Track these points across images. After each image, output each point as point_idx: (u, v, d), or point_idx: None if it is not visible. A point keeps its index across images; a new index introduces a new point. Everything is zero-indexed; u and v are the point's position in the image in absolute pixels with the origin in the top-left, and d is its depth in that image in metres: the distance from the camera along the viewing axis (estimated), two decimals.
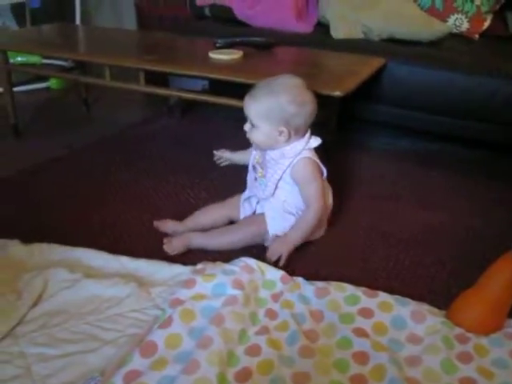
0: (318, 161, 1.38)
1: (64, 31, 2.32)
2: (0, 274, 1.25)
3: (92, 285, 1.22)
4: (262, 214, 1.41)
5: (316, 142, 1.37)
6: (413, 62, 1.95)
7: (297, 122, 1.32)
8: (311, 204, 1.36)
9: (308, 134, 1.36)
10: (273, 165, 1.37)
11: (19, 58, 2.92)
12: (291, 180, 1.36)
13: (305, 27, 2.33)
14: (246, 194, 1.49)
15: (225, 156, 1.55)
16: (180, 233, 1.44)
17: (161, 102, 2.43)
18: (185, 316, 1.07)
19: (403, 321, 1.11)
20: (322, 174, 1.39)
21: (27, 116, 2.36)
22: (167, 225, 1.48)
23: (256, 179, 1.43)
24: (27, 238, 1.40)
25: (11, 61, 2.23)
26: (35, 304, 1.18)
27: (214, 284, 1.16)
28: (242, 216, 1.48)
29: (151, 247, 1.41)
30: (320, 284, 1.22)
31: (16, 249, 1.35)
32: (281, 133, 1.32)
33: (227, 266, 1.24)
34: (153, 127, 2.30)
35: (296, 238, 1.37)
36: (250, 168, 1.46)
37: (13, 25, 3.21)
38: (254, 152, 1.45)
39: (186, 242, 1.39)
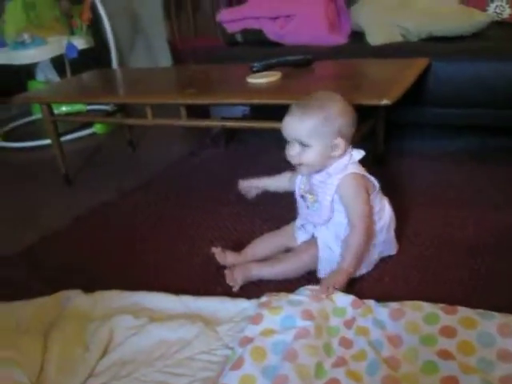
0: (366, 173, 1.31)
1: (103, 77, 2.36)
2: (66, 326, 1.25)
3: (158, 329, 1.20)
4: (316, 240, 1.36)
5: (359, 154, 1.31)
6: (457, 58, 1.88)
7: (348, 132, 1.28)
8: (355, 224, 1.28)
9: (349, 148, 1.31)
10: (322, 188, 1.31)
11: (64, 108, 3.01)
12: (340, 201, 1.29)
13: (339, 38, 2.29)
14: (299, 222, 1.44)
15: (253, 185, 1.50)
16: (237, 264, 1.40)
17: (204, 132, 2.43)
18: (256, 355, 1.03)
19: (491, 337, 1.02)
20: (372, 187, 1.32)
21: (76, 163, 2.40)
22: (225, 257, 1.44)
23: (308, 207, 1.37)
24: (89, 287, 1.39)
25: (56, 111, 2.27)
26: (103, 355, 1.16)
27: (283, 317, 1.11)
28: (298, 242, 1.43)
29: (210, 283, 1.38)
30: (394, 305, 1.14)
31: (79, 299, 1.34)
32: (335, 146, 1.27)
33: (293, 297, 1.18)
34: (199, 159, 2.29)
35: (349, 267, 1.28)
36: (299, 198, 1.40)
37: (54, 77, 3.32)
38: (297, 182, 1.40)
39: (246, 274, 1.35)
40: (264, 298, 1.20)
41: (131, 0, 3.65)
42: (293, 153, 1.30)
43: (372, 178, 1.32)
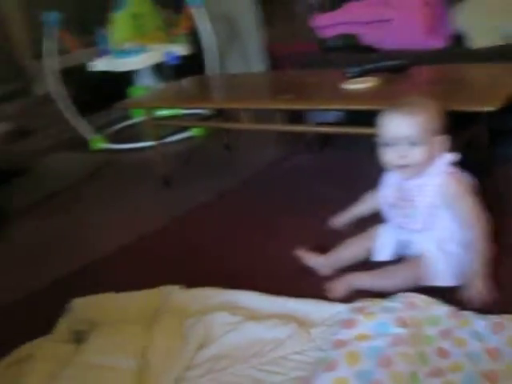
0: (464, 173, 1.30)
1: (200, 83, 2.46)
2: (167, 319, 1.32)
3: (253, 327, 1.24)
4: (420, 257, 1.32)
5: (454, 157, 1.30)
6: None
7: (442, 132, 1.29)
8: (473, 224, 1.25)
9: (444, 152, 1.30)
10: (419, 191, 1.30)
11: (163, 112, 3.16)
12: (443, 203, 1.28)
13: (437, 42, 2.24)
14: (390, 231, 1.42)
15: (344, 222, 1.52)
16: (320, 266, 1.44)
17: (298, 137, 2.45)
18: (350, 358, 1.04)
19: None
20: (473, 186, 1.29)
21: (175, 165, 2.52)
22: (310, 258, 1.47)
23: (402, 215, 1.35)
24: (187, 283, 1.46)
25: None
26: (200, 348, 1.21)
27: (377, 323, 1.11)
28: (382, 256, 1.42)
29: (304, 285, 1.41)
30: (493, 317, 1.11)
31: (179, 295, 1.42)
32: (442, 143, 1.28)
33: (387, 303, 1.18)
34: (293, 164, 2.32)
35: (483, 270, 1.24)
36: (387, 209, 1.40)
37: (154, 83, 3.49)
38: (385, 193, 1.39)
39: (347, 286, 1.35)
40: (358, 304, 1.21)
41: (228, 7, 3.75)
42: (402, 153, 1.29)
43: (470, 177, 1.31)
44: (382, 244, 1.43)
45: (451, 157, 1.30)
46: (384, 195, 1.40)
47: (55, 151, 3.13)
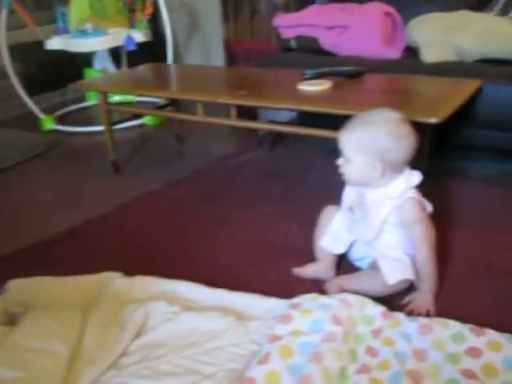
0: (422, 198, 1.31)
1: (157, 70, 2.44)
2: (105, 306, 1.31)
3: (191, 317, 1.25)
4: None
5: (417, 178, 1.30)
6: (510, 82, 1.86)
7: (393, 158, 1.26)
8: (421, 247, 1.28)
9: (407, 171, 1.30)
10: (375, 207, 1.31)
11: (116, 98, 3.12)
12: (396, 222, 1.30)
13: (393, 53, 2.30)
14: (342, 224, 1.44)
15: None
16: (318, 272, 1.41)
17: (250, 133, 2.48)
18: (283, 352, 1.06)
19: None
20: (425, 210, 1.31)
21: (125, 152, 2.49)
22: (307, 270, 1.43)
23: (355, 221, 1.37)
24: (129, 270, 1.45)
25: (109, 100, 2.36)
26: (137, 336, 1.22)
27: (312, 320, 1.14)
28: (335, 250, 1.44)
29: (245, 279, 1.42)
30: (423, 320, 1.16)
31: (119, 282, 1.41)
32: (374, 168, 1.26)
33: (324, 300, 1.21)
34: (243, 159, 2.34)
35: (431, 288, 1.29)
36: (346, 209, 1.41)
37: (110, 67, 3.44)
38: (347, 193, 1.41)
39: (338, 288, 1.32)
40: (296, 300, 1.24)
41: None
42: (339, 163, 1.32)
43: (426, 203, 1.32)
44: (336, 236, 1.43)
45: (414, 178, 1.30)
46: (347, 194, 1.41)
47: (5, 127, 3.04)
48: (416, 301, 1.28)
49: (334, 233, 1.43)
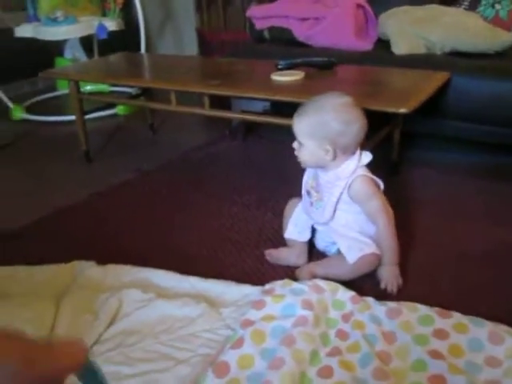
0: (373, 176, 1.35)
1: (130, 60, 2.42)
2: (78, 294, 1.31)
3: (164, 305, 1.25)
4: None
5: (367, 158, 1.34)
6: (479, 75, 1.91)
7: (343, 141, 1.29)
8: (378, 219, 1.32)
9: (358, 152, 1.33)
10: (329, 188, 1.35)
11: (88, 87, 3.08)
12: (350, 200, 1.33)
13: (365, 45, 2.33)
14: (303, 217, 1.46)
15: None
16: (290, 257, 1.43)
17: (223, 123, 2.48)
18: (256, 337, 1.08)
19: (480, 343, 1.07)
20: (378, 187, 1.35)
21: (97, 142, 2.47)
22: (280, 253, 1.45)
23: (312, 204, 1.41)
24: (101, 259, 1.45)
25: (81, 89, 2.34)
26: (111, 323, 1.22)
27: (284, 305, 1.16)
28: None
29: (219, 267, 1.44)
30: (391, 304, 1.19)
31: (92, 270, 1.41)
32: (326, 152, 1.29)
33: (296, 285, 1.24)
34: (216, 149, 2.35)
35: (394, 259, 1.33)
36: (304, 193, 1.44)
37: (82, 56, 3.39)
38: (305, 177, 1.44)
39: (309, 274, 1.33)
40: (268, 286, 1.26)
41: None
42: (294, 146, 1.36)
43: (378, 180, 1.36)
44: (299, 224, 1.46)
45: (364, 158, 1.34)
46: (305, 179, 1.44)
47: None
48: (382, 275, 1.32)
49: (296, 222, 1.47)
